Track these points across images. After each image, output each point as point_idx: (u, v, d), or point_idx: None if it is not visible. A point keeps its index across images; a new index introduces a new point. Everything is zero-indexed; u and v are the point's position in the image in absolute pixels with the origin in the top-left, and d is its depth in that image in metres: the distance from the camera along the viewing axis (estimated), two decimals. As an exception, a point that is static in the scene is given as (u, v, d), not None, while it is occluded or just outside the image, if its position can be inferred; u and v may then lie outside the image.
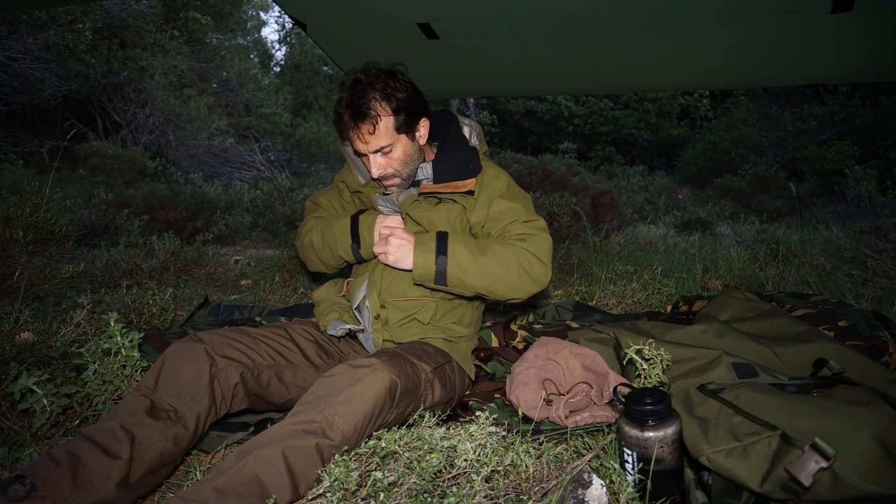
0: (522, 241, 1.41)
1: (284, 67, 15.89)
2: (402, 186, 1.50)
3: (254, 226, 5.43)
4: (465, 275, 1.36)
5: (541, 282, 1.41)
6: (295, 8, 2.52)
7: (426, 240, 1.39)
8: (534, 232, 1.43)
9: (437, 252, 1.36)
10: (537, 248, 1.41)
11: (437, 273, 1.36)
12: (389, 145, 1.40)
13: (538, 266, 1.40)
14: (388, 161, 1.43)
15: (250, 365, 1.28)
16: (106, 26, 9.17)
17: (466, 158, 1.52)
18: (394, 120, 1.39)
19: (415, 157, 1.48)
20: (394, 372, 1.15)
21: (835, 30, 2.21)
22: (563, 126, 15.22)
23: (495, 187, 1.50)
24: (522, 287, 1.40)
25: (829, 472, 0.88)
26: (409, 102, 1.41)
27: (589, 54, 2.71)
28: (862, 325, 1.61)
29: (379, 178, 1.46)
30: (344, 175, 1.65)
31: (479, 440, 0.98)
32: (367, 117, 1.35)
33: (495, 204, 1.47)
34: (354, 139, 1.40)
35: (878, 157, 9.75)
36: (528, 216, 1.47)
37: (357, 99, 1.35)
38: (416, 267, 1.37)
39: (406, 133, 1.43)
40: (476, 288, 1.39)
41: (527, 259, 1.39)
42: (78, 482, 0.99)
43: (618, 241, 4.39)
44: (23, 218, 1.95)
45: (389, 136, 1.39)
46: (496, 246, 1.40)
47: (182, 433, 1.13)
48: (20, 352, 1.59)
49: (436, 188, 1.50)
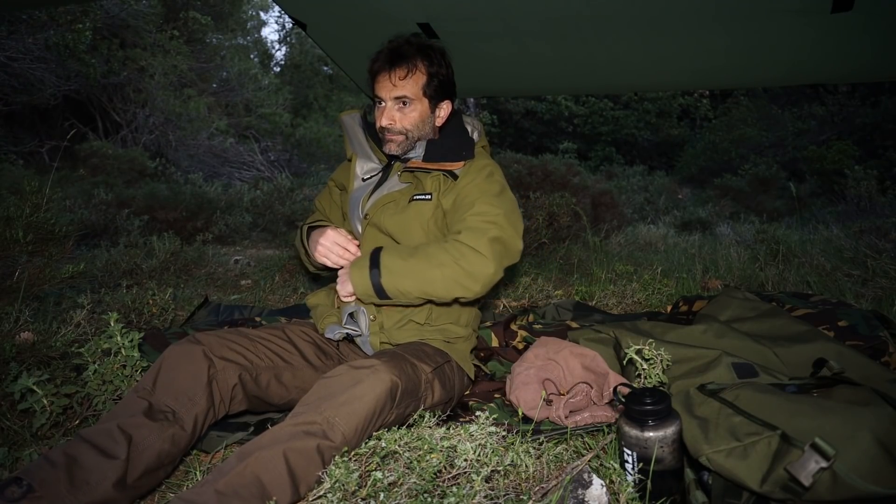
0: (459, 234, 1.34)
1: (284, 67, 15.89)
2: (402, 147, 1.48)
3: (254, 226, 5.43)
4: (399, 283, 1.32)
5: (481, 276, 1.31)
6: (295, 8, 2.52)
7: (362, 258, 1.38)
8: (478, 225, 1.34)
9: (371, 266, 1.34)
10: (473, 240, 1.31)
11: (375, 287, 1.33)
12: (411, 100, 1.44)
13: (475, 259, 1.30)
14: (402, 116, 1.45)
15: (248, 366, 1.28)
16: (106, 26, 9.17)
17: (461, 145, 1.51)
18: (426, 80, 1.44)
19: (425, 127, 1.49)
20: (394, 373, 1.15)
21: (835, 30, 2.21)
22: (563, 126, 15.22)
23: (475, 176, 1.45)
24: (462, 285, 1.31)
25: (829, 472, 0.88)
26: (444, 79, 1.48)
27: (589, 54, 2.71)
28: (862, 325, 1.61)
29: (386, 128, 1.46)
30: (336, 172, 1.68)
31: (479, 440, 0.98)
32: (405, 63, 1.42)
33: (465, 191, 1.42)
34: (384, 80, 1.43)
35: (878, 157, 9.75)
36: (482, 208, 1.37)
37: (403, 47, 1.43)
38: (355, 287, 1.35)
39: (430, 101, 1.47)
40: (412, 292, 1.33)
41: (460, 252, 1.31)
42: (75, 483, 0.99)
43: (618, 241, 4.39)
44: (23, 218, 1.95)
45: (416, 91, 1.44)
46: (430, 247, 1.35)
47: (180, 434, 1.13)
48: (20, 352, 1.59)
49: (423, 165, 1.48)
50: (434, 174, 1.47)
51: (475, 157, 1.51)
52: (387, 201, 1.48)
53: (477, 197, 1.40)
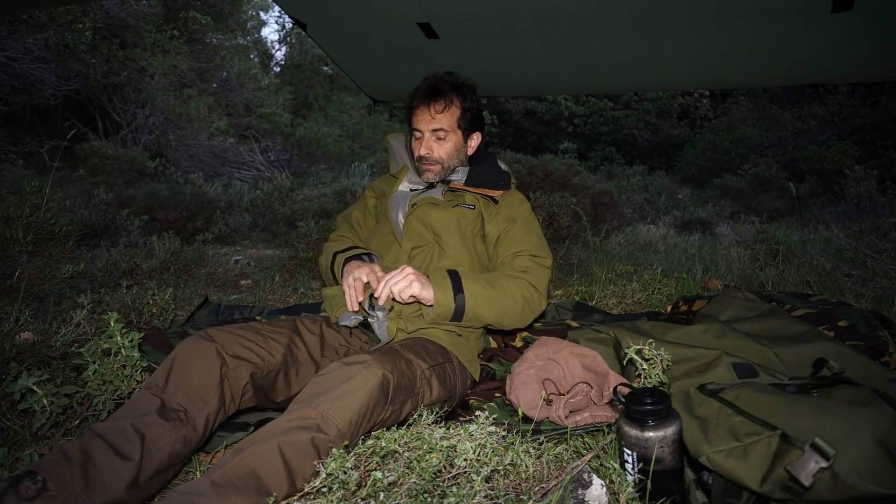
0: (525, 273, 1.53)
1: (284, 67, 15.89)
2: (438, 175, 1.64)
3: (254, 226, 5.44)
4: (480, 309, 1.44)
5: (538, 311, 1.56)
6: (295, 8, 2.52)
7: (440, 278, 1.44)
8: (536, 267, 1.55)
9: (454, 290, 1.43)
10: (538, 281, 1.53)
11: (457, 310, 1.43)
12: (447, 133, 1.60)
13: (537, 297, 1.53)
14: (439, 146, 1.61)
15: (260, 364, 1.28)
16: (106, 26, 9.18)
17: (499, 175, 1.72)
18: (460, 114, 1.61)
19: (459, 156, 1.66)
20: (386, 367, 1.16)
21: (835, 30, 2.21)
22: (563, 126, 15.23)
23: (519, 210, 1.65)
24: (525, 317, 1.52)
25: (829, 472, 0.88)
26: (476, 112, 1.64)
27: (589, 54, 2.71)
28: (862, 325, 1.61)
29: (423, 157, 1.61)
30: (377, 181, 1.83)
31: (479, 440, 0.98)
32: (442, 98, 1.58)
33: (516, 229, 1.60)
34: (422, 114, 1.59)
35: (878, 157, 9.76)
36: (538, 252, 1.59)
37: (439, 83, 1.60)
38: (436, 305, 1.42)
39: (462, 132, 1.63)
40: (488, 321, 1.48)
41: (528, 291, 1.51)
42: (89, 482, 0.99)
43: (618, 241, 4.39)
44: (23, 218, 1.95)
45: (451, 124, 1.60)
46: (502, 280, 1.50)
47: (191, 434, 1.13)
48: (20, 352, 1.59)
49: (465, 188, 1.66)
50: (474, 195, 1.66)
51: (511, 189, 1.72)
52: (432, 201, 1.64)
53: (533, 238, 1.61)
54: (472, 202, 1.64)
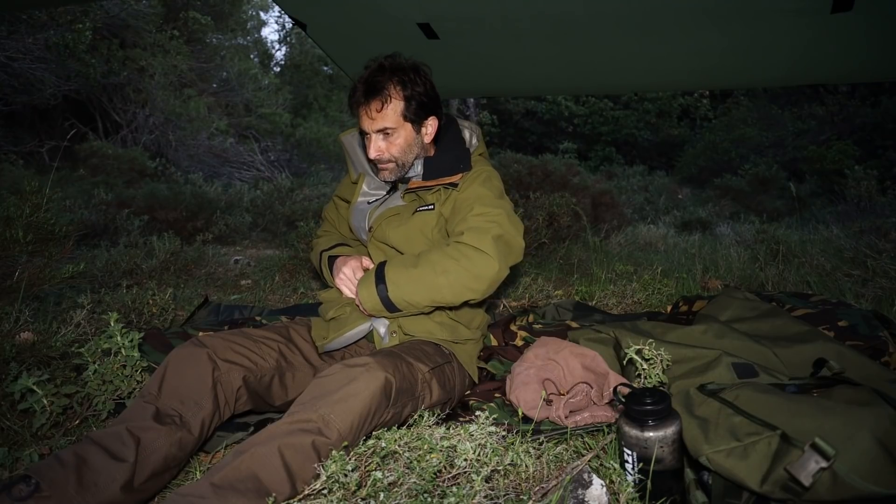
0: (461, 236, 1.36)
1: (284, 67, 15.90)
2: (395, 174, 1.50)
3: (254, 226, 5.44)
4: (407, 294, 1.34)
5: (486, 276, 1.33)
6: (295, 8, 2.52)
7: (367, 274, 1.42)
8: (480, 225, 1.36)
9: (377, 282, 1.36)
10: (476, 240, 1.33)
11: (383, 302, 1.36)
12: (393, 129, 1.44)
13: (479, 259, 1.32)
14: (388, 145, 1.45)
15: (253, 368, 1.28)
16: (106, 26, 9.17)
17: (458, 158, 1.54)
18: (403, 105, 1.43)
19: (415, 149, 1.50)
20: (388, 370, 1.16)
21: (835, 30, 2.21)
22: (563, 126, 15.23)
23: (471, 182, 1.48)
24: (470, 287, 1.34)
25: (829, 472, 0.88)
26: (423, 97, 1.45)
27: (589, 54, 2.71)
28: (862, 325, 1.61)
29: (375, 160, 1.48)
30: (339, 188, 1.73)
31: (479, 440, 0.98)
32: (378, 95, 1.40)
33: (460, 199, 1.46)
34: (363, 114, 1.44)
35: (878, 157, 9.75)
36: (480, 210, 1.39)
37: (374, 77, 1.42)
38: (364, 303, 1.38)
39: (412, 123, 1.46)
40: (421, 302, 1.36)
41: (464, 254, 1.33)
42: (83, 484, 0.99)
43: (618, 241, 4.39)
44: (23, 218, 1.95)
45: (396, 119, 1.43)
46: (432, 254, 1.36)
47: (187, 438, 1.14)
48: (20, 352, 1.59)
49: (423, 183, 1.51)
50: (435, 189, 1.51)
51: (474, 167, 1.53)
52: (391, 214, 1.52)
53: (476, 199, 1.43)
54: (431, 201, 1.50)
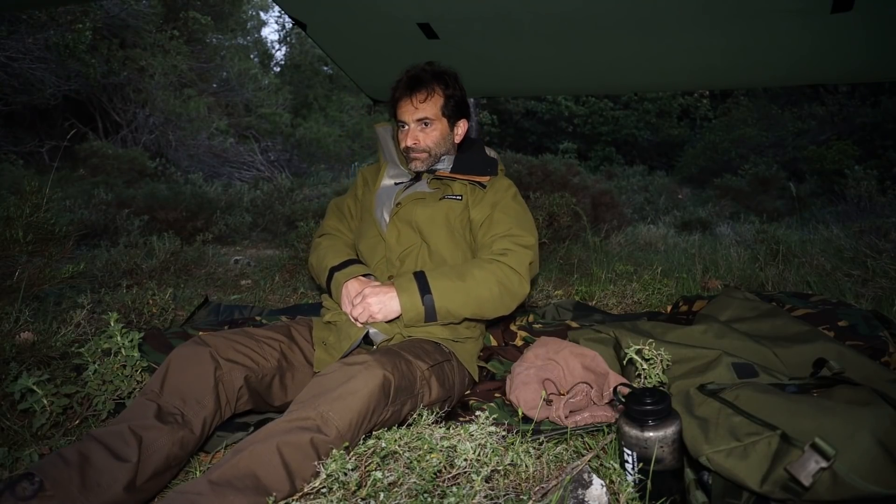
0: (503, 256, 1.49)
1: (284, 67, 15.89)
2: (425, 164, 1.62)
3: (254, 226, 5.44)
4: (452, 306, 1.42)
5: (519, 296, 1.50)
6: (295, 8, 2.52)
7: (405, 282, 1.42)
8: (514, 248, 1.51)
9: (421, 292, 1.40)
10: (517, 263, 1.48)
11: (427, 312, 1.41)
12: (432, 121, 1.59)
13: (516, 280, 1.48)
14: (425, 136, 1.59)
15: (254, 368, 1.29)
16: (106, 26, 9.18)
17: (486, 162, 1.69)
18: (443, 101, 1.59)
19: (446, 144, 1.64)
20: (387, 368, 1.16)
21: (835, 30, 2.21)
22: (563, 126, 15.23)
23: (504, 194, 1.61)
24: (505, 304, 1.48)
25: (829, 472, 0.88)
26: (460, 100, 1.64)
27: (589, 54, 2.71)
28: (862, 325, 1.61)
29: (411, 147, 1.59)
30: (366, 168, 1.81)
31: (479, 440, 0.98)
32: (424, 87, 1.57)
33: (497, 212, 1.57)
34: (405, 105, 1.58)
35: (878, 157, 9.75)
36: (518, 231, 1.54)
37: (419, 74, 1.59)
38: (404, 312, 1.40)
39: (448, 119, 1.62)
40: (464, 315, 1.45)
41: (505, 274, 1.46)
42: (86, 484, 0.99)
43: (618, 241, 4.39)
44: (23, 218, 1.95)
45: (435, 112, 1.59)
46: (474, 270, 1.46)
47: (188, 437, 1.14)
48: (20, 352, 1.59)
49: (452, 175, 1.64)
50: (461, 182, 1.63)
51: (498, 175, 1.68)
52: (418, 196, 1.61)
53: (512, 220, 1.56)
54: (459, 192, 1.61)
